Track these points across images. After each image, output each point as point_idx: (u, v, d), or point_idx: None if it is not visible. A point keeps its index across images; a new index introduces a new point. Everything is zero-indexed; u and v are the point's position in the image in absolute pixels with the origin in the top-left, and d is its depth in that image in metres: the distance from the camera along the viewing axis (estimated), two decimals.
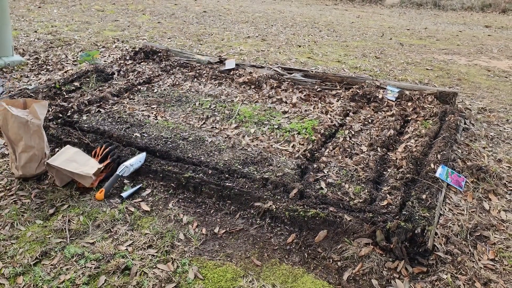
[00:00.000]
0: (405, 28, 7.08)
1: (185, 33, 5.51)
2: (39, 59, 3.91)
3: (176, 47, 4.67)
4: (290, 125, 2.75)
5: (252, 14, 7.50)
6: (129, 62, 3.85)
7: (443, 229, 1.79)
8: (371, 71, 4.26)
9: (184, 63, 3.88)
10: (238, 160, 2.25)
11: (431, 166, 2.21)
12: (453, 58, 5.07)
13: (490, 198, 2.09)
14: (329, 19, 7.56)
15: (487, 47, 5.80)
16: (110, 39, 4.85)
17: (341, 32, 6.37)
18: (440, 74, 4.32)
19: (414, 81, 4.01)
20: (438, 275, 1.56)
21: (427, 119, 2.89)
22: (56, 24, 5.45)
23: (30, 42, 4.47)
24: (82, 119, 2.69)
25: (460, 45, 5.88)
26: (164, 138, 2.48)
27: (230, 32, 5.76)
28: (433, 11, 9.79)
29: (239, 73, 3.62)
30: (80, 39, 4.72)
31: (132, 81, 3.39)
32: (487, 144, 2.68)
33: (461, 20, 8.58)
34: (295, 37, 5.75)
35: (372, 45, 5.54)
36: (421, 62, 4.76)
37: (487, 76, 4.37)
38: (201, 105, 3.03)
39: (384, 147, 2.49)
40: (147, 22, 6.02)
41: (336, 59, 4.70)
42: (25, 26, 5.18)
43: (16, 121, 1.97)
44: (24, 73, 3.57)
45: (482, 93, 3.76)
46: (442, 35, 6.57)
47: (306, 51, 5.01)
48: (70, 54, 4.13)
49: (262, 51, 4.82)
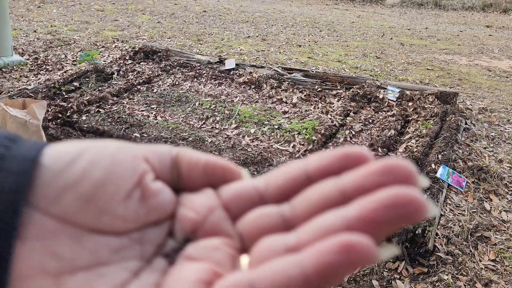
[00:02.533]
0: (405, 28, 7.07)
1: (185, 33, 5.50)
2: (38, 59, 3.91)
3: (176, 47, 4.66)
4: (291, 125, 2.74)
5: (252, 14, 7.49)
6: (128, 62, 3.84)
7: (444, 230, 1.78)
8: (371, 71, 4.25)
9: (184, 63, 3.87)
10: (238, 161, 2.24)
11: (432, 166, 2.20)
12: (454, 58, 5.05)
13: (491, 198, 2.08)
14: (329, 19, 7.55)
15: (488, 47, 5.78)
16: (110, 39, 4.84)
17: (341, 32, 6.35)
18: (441, 74, 4.31)
19: (415, 81, 4.00)
20: (438, 276, 1.55)
21: (427, 119, 2.88)
22: (55, 24, 5.44)
23: (29, 42, 4.46)
24: (82, 119, 2.69)
25: (461, 45, 5.87)
26: (164, 139, 2.47)
27: (230, 32, 5.76)
28: (434, 11, 9.78)
29: (239, 73, 3.61)
30: (79, 39, 4.71)
31: (132, 81, 3.38)
32: (488, 145, 2.67)
33: (462, 20, 8.57)
34: (296, 37, 5.74)
35: (372, 45, 5.53)
36: (422, 62, 4.75)
37: (488, 76, 4.36)
38: (201, 105, 3.02)
39: (385, 148, 2.48)
40: (147, 22, 6.02)
41: (337, 59, 4.69)
42: (25, 26, 5.17)
43: (14, 121, 1.96)
44: (23, 73, 3.56)
45: (483, 93, 3.75)
46: (443, 35, 6.56)
47: (306, 51, 5.00)
48: (69, 54, 4.13)
49: (262, 51, 4.81)
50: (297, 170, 0.21)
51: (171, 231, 0.22)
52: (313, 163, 0.21)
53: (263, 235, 0.20)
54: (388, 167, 0.18)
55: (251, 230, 0.21)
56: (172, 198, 0.23)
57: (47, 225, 0.19)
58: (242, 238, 0.21)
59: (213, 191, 0.23)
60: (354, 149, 0.20)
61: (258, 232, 0.21)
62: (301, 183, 0.21)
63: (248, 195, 0.22)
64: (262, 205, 0.22)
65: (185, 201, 0.23)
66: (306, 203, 0.20)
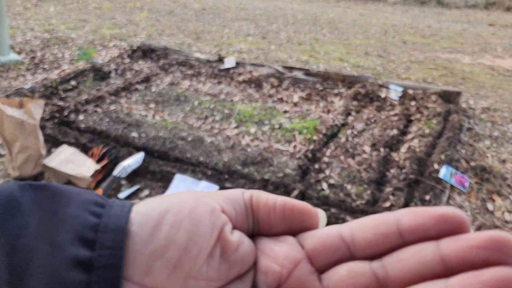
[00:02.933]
0: (408, 26, 7.03)
1: (184, 31, 5.46)
2: (35, 58, 3.87)
3: (174, 45, 4.62)
4: (291, 124, 2.70)
5: (252, 12, 7.45)
6: (126, 60, 3.81)
7: None
8: (373, 69, 4.21)
9: (183, 62, 3.83)
10: (238, 161, 2.20)
11: (435, 166, 2.16)
12: (456, 57, 5.01)
13: (494, 199, 2.05)
14: (331, 17, 7.51)
15: (491, 46, 5.74)
16: (108, 37, 4.80)
17: (343, 30, 6.31)
18: (444, 73, 4.27)
19: (418, 80, 3.96)
20: None
21: (430, 119, 2.84)
22: (53, 22, 5.41)
23: (26, 40, 4.43)
24: (79, 118, 2.65)
25: (464, 43, 5.83)
26: (163, 138, 2.43)
27: (230, 30, 5.72)
28: (436, 9, 9.73)
29: (239, 72, 3.57)
30: (77, 38, 4.68)
31: (130, 80, 3.34)
32: (491, 144, 2.63)
33: (465, 18, 8.52)
34: (296, 35, 5.69)
35: (374, 43, 5.49)
36: (425, 61, 4.71)
37: (491, 75, 4.32)
38: (200, 105, 2.98)
39: (387, 147, 2.44)
40: (145, 20, 5.98)
41: (338, 57, 4.65)
42: (22, 25, 5.14)
43: (11, 121, 1.93)
44: (20, 72, 3.53)
45: (486, 93, 3.71)
46: (446, 33, 6.51)
47: (307, 49, 4.96)
48: (67, 52, 4.09)
49: (263, 49, 4.77)
50: (388, 225, 0.20)
51: (254, 284, 0.22)
52: (406, 221, 0.20)
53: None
54: (495, 241, 0.17)
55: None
56: (252, 248, 0.22)
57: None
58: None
59: (295, 239, 0.22)
60: (452, 211, 0.19)
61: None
62: (393, 241, 0.20)
63: (334, 247, 0.21)
64: (349, 259, 0.21)
65: (265, 249, 0.22)
66: (401, 266, 0.19)
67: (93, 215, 0.20)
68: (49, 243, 0.18)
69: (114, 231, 0.20)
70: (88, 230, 0.19)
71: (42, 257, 0.18)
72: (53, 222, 0.19)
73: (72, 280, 0.18)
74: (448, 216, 0.19)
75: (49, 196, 0.20)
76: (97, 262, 0.18)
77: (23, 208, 0.19)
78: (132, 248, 0.19)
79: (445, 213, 0.19)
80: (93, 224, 0.20)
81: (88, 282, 0.18)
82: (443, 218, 0.19)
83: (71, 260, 0.18)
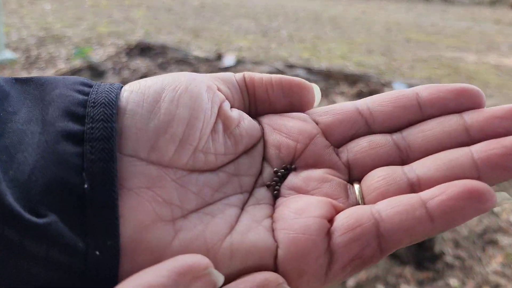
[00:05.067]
0: (412, 24, 6.96)
1: (182, 29, 5.41)
2: (31, 56, 3.83)
3: (172, 43, 4.57)
4: None
5: (253, 9, 7.40)
6: (124, 59, 3.75)
7: (451, 233, 1.75)
8: (376, 68, 4.16)
9: (181, 60, 3.78)
10: None
11: None
12: (461, 56, 4.95)
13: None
14: (333, 14, 7.45)
15: (496, 44, 5.68)
16: (105, 35, 4.75)
17: (345, 27, 6.25)
18: (448, 72, 4.21)
19: (422, 78, 3.90)
20: (445, 280, 1.51)
21: None
22: (48, 20, 5.37)
23: (22, 38, 4.39)
24: None
25: (468, 42, 5.76)
26: None
27: (230, 28, 5.66)
28: (441, 6, 9.65)
29: (239, 70, 3.51)
30: (73, 36, 4.64)
31: (127, 78, 3.28)
32: None
33: (470, 15, 8.45)
34: (298, 33, 5.64)
35: (377, 41, 5.44)
36: (429, 60, 4.65)
37: (496, 74, 4.27)
38: None
39: None
40: (143, 17, 5.93)
41: (341, 55, 4.60)
42: (17, 23, 5.10)
43: None
44: (15, 71, 3.49)
45: (491, 92, 3.66)
46: (450, 32, 6.45)
47: (309, 47, 4.91)
48: (63, 51, 4.05)
49: (263, 47, 4.72)
50: (408, 98, 0.20)
51: (265, 158, 0.21)
52: (426, 94, 0.20)
53: (376, 166, 0.20)
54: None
55: (362, 160, 0.20)
56: (254, 124, 0.22)
57: (152, 173, 0.19)
58: (350, 169, 0.20)
59: (307, 115, 0.23)
60: (470, 86, 0.20)
61: (370, 163, 0.20)
62: (413, 113, 0.20)
63: (352, 120, 0.21)
64: (367, 133, 0.21)
65: (275, 125, 0.22)
66: (424, 136, 0.19)
67: (81, 93, 0.20)
68: (39, 124, 0.19)
69: (104, 105, 0.19)
70: (77, 105, 0.19)
71: (32, 136, 0.18)
72: (42, 107, 0.19)
73: (64, 151, 0.18)
74: (467, 90, 0.20)
75: (35, 86, 0.20)
76: (88, 135, 0.18)
77: (11, 98, 0.19)
78: (133, 125, 0.19)
79: (465, 87, 0.20)
80: (81, 100, 0.20)
81: (81, 153, 0.18)
82: (462, 92, 0.20)
83: (61, 133, 0.18)
